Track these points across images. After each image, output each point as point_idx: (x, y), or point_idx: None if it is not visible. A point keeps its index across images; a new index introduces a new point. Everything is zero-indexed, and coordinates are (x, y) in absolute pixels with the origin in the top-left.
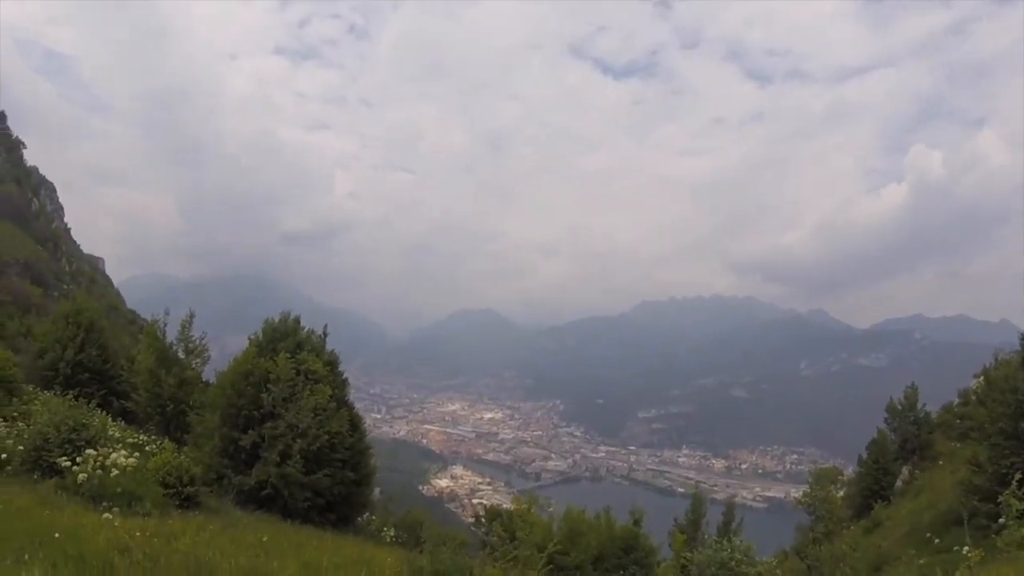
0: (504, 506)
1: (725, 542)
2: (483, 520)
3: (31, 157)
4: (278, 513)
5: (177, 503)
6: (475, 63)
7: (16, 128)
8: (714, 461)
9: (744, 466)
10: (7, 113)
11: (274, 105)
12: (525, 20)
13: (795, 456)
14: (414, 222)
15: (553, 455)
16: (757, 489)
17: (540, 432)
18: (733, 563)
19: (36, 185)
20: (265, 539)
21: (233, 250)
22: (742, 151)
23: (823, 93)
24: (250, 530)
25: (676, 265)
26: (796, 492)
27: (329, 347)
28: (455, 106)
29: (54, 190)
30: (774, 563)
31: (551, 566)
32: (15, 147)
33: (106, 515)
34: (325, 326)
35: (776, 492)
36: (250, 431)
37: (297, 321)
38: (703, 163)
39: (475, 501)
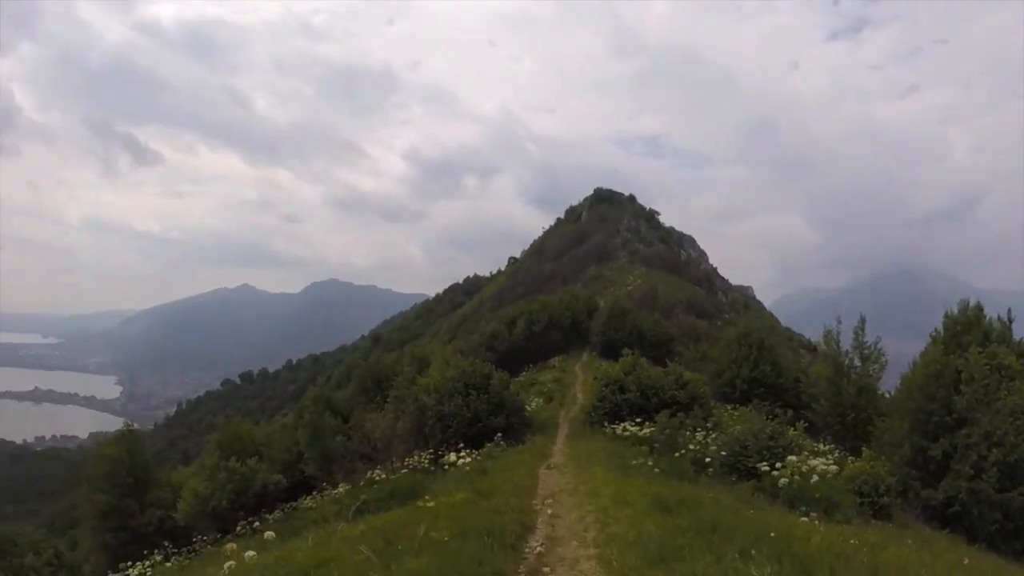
0: None
1: None
2: None
3: (666, 220)
4: (962, 534)
5: (871, 513)
6: None
7: (644, 202)
8: None
9: None
10: (635, 195)
11: (856, 86)
12: None
13: None
14: None
15: None
16: None
17: None
18: None
19: (678, 240)
20: (966, 562)
21: (871, 249)
22: None
23: None
24: (949, 550)
25: None
26: None
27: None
28: None
29: (693, 240)
30: None
31: None
32: (651, 216)
33: (803, 519)
34: (1009, 311)
35: None
36: (940, 439)
37: (979, 309)
38: None
39: None
